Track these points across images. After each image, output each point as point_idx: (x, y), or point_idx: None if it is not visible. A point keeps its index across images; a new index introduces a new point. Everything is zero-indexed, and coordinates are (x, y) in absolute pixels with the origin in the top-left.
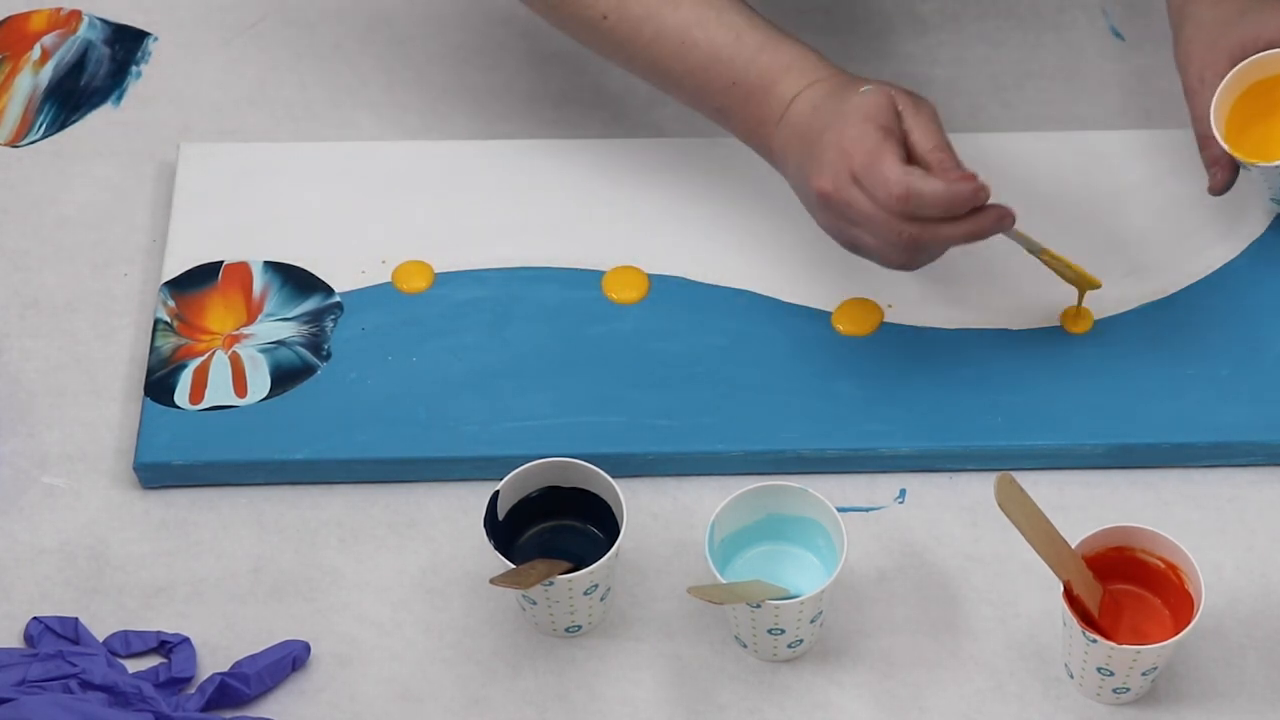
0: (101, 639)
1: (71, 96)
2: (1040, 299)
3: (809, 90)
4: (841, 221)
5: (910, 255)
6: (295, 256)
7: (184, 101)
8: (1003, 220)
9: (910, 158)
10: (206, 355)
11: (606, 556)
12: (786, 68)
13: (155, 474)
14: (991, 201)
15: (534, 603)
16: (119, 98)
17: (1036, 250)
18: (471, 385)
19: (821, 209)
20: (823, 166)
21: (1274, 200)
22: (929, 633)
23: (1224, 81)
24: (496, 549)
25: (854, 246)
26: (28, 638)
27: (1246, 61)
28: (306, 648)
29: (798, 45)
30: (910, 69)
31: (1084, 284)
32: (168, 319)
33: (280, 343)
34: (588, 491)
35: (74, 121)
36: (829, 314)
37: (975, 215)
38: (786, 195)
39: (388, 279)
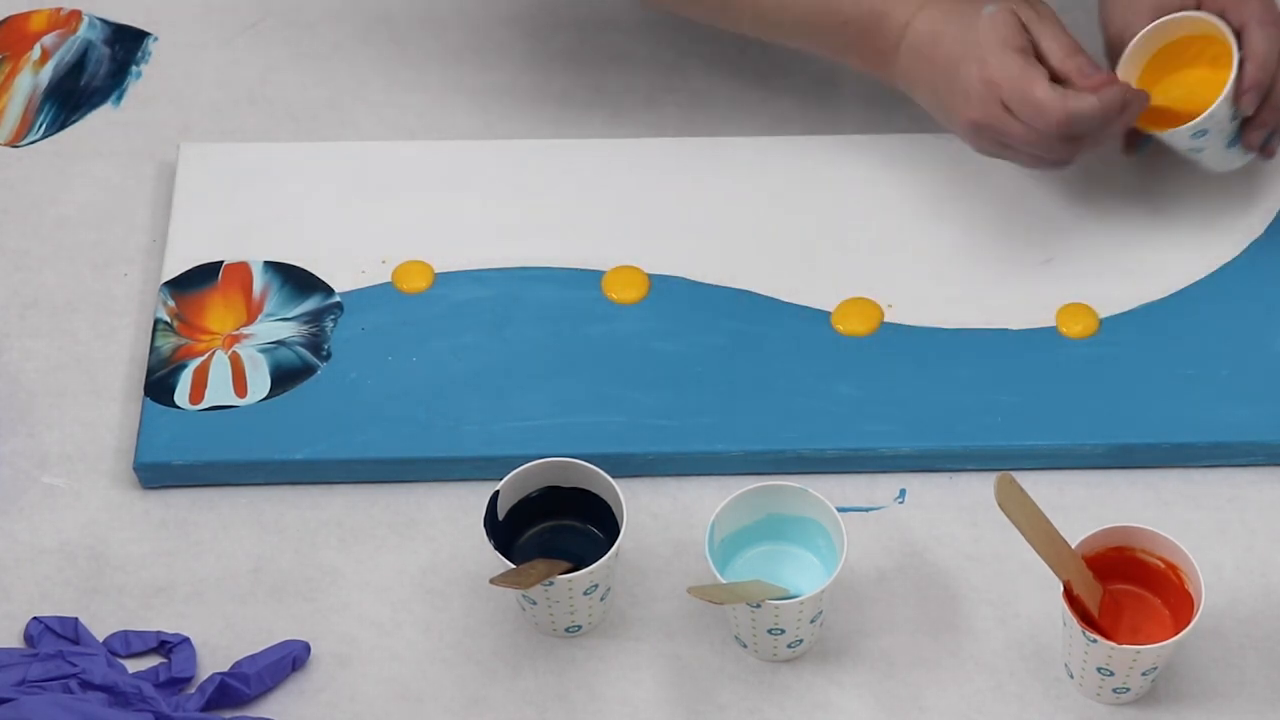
0: (101, 639)
1: (71, 96)
2: (1040, 299)
3: (922, 13)
4: (995, 145)
5: (1069, 155)
6: (295, 256)
7: (184, 101)
8: (1142, 102)
9: (1046, 68)
10: (206, 355)
11: (606, 556)
12: None
13: (155, 474)
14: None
15: (534, 603)
16: (119, 98)
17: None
18: (471, 385)
19: (973, 135)
20: (969, 99)
21: (1193, 153)
22: (929, 633)
23: (1133, 41)
24: (496, 549)
25: (1005, 156)
26: (28, 638)
27: (1156, 23)
28: (306, 648)
29: None
30: None
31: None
32: (168, 319)
33: (280, 343)
34: (588, 491)
35: (74, 121)
36: (829, 314)
37: (1124, 111)
38: (786, 195)
39: (388, 279)
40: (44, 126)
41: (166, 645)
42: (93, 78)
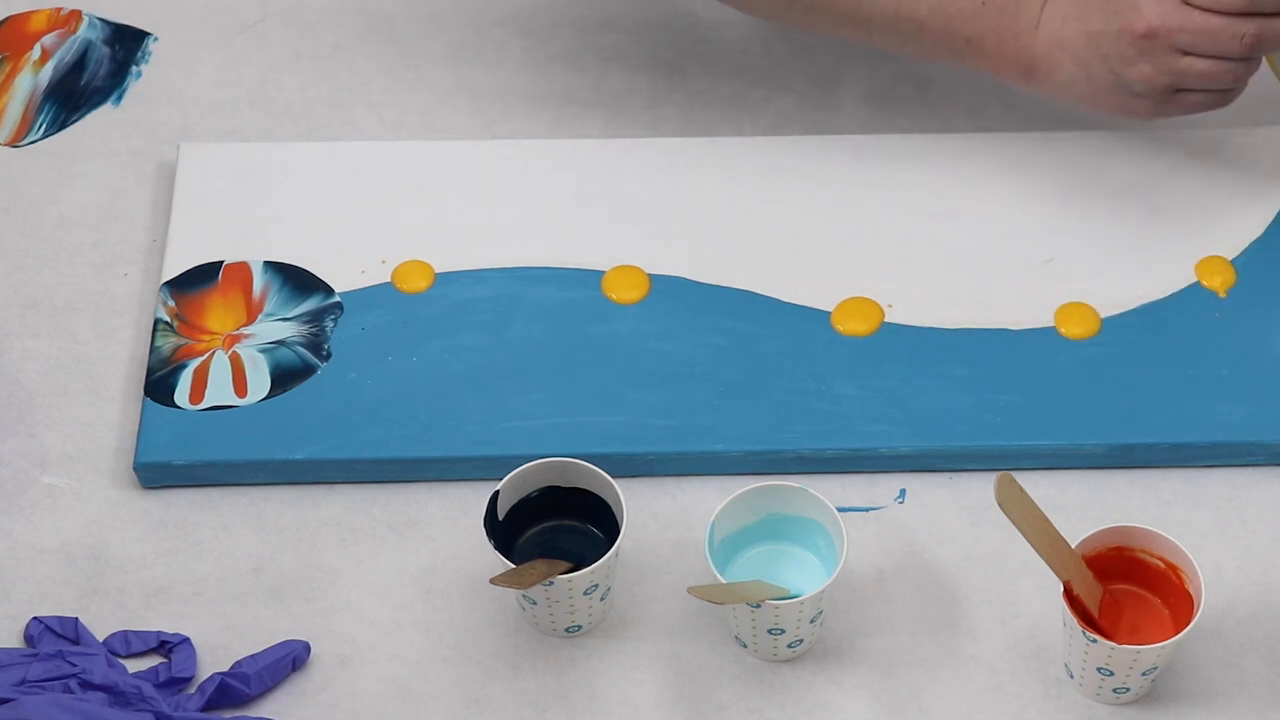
0: (101, 639)
1: (71, 96)
2: (1040, 299)
3: None
4: (1168, 57)
5: (1245, 68)
6: (295, 256)
7: (184, 101)
8: None
9: None
10: (206, 355)
11: (606, 556)
12: None
13: (155, 474)
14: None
15: (534, 603)
16: (119, 98)
17: None
18: (471, 385)
19: (1143, 56)
20: (1138, 6)
21: None
22: (929, 633)
23: None
24: (496, 549)
25: (1177, 86)
26: (28, 638)
27: None
28: (306, 648)
29: None
30: (910, 69)
31: None
32: (168, 319)
33: (280, 343)
34: (588, 491)
35: (74, 121)
36: (829, 314)
37: None
38: (787, 195)
39: (388, 279)
40: (44, 126)
41: (166, 645)
42: (93, 78)
